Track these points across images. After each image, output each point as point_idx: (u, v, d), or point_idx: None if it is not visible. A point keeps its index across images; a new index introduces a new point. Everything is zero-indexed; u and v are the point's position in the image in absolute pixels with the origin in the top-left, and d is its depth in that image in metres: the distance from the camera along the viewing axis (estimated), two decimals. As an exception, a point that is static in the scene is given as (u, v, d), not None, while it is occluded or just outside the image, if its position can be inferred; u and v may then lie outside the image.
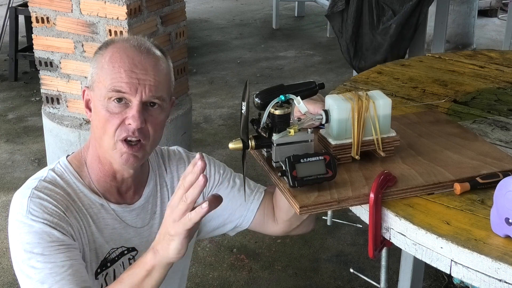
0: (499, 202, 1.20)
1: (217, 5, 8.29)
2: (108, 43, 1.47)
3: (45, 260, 1.33)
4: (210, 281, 2.99)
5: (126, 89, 1.39)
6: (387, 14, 3.89)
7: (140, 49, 1.44)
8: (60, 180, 1.47)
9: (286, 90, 1.39)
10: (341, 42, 4.12)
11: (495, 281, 1.15)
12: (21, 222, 1.37)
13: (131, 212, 1.53)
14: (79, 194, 1.47)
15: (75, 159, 1.52)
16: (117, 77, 1.40)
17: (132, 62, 1.41)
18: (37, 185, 1.43)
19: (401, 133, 1.53)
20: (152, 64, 1.43)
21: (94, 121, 1.45)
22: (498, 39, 6.59)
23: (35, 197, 1.39)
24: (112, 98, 1.40)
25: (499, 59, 2.29)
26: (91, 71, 1.46)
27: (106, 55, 1.44)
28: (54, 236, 1.35)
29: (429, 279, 2.94)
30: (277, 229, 1.66)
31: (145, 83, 1.40)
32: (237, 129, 2.10)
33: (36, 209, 1.37)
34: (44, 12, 2.93)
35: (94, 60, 1.47)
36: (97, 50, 1.49)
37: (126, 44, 1.45)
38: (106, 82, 1.41)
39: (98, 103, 1.43)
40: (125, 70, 1.40)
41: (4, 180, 3.86)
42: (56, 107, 3.07)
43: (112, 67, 1.41)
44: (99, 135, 1.44)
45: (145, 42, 1.47)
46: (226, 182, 1.64)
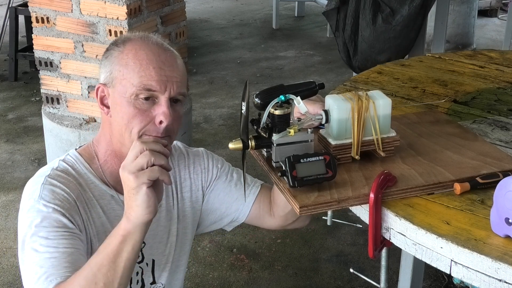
0: (499, 202, 1.20)
1: (217, 5, 8.29)
2: (125, 40, 1.48)
3: (48, 244, 1.34)
4: (210, 281, 2.99)
5: (157, 87, 1.41)
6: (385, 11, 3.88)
7: (163, 47, 1.46)
8: (71, 170, 1.48)
9: (286, 90, 1.39)
10: (339, 41, 4.11)
11: (495, 281, 1.15)
12: (32, 206, 1.39)
13: None
14: (90, 185, 1.49)
15: (85, 152, 1.53)
16: (147, 75, 1.41)
17: (159, 60, 1.43)
18: (50, 173, 1.45)
19: (401, 133, 1.53)
20: (175, 62, 1.46)
21: (116, 116, 1.45)
22: (498, 39, 6.59)
23: (48, 184, 1.41)
24: (140, 95, 1.41)
25: (499, 59, 2.29)
26: (109, 68, 1.46)
27: (128, 52, 1.44)
28: (61, 223, 1.37)
29: (429, 279, 2.94)
30: (273, 223, 1.68)
31: (173, 80, 1.43)
32: (237, 129, 2.10)
33: (47, 195, 1.39)
34: (44, 12, 2.93)
35: (111, 56, 1.47)
36: (112, 46, 1.49)
37: (147, 41, 1.46)
38: (134, 80, 1.41)
39: (121, 100, 1.43)
40: (154, 68, 1.41)
41: (4, 180, 3.86)
42: (56, 107, 3.07)
43: (140, 65, 1.42)
44: (120, 131, 1.44)
45: (162, 40, 1.50)
46: (224, 176, 1.67)
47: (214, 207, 1.66)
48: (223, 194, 1.66)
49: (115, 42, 1.50)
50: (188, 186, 1.64)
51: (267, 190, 1.67)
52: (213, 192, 1.66)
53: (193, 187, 1.65)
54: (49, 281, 1.29)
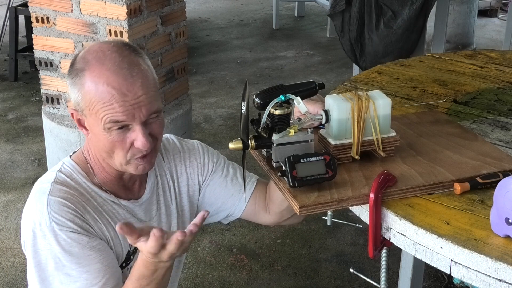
0: (499, 202, 1.20)
1: (217, 5, 8.29)
2: (83, 68, 1.39)
3: (80, 269, 1.39)
4: (210, 281, 2.98)
5: (124, 118, 1.37)
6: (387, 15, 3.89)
7: (121, 72, 1.37)
8: (70, 180, 1.47)
9: (286, 90, 1.39)
10: (343, 41, 4.12)
11: (495, 281, 1.15)
12: (46, 232, 1.38)
13: (140, 206, 1.56)
14: (91, 193, 1.48)
15: (79, 161, 1.52)
16: (111, 110, 1.36)
17: (120, 92, 1.36)
18: (51, 189, 1.42)
19: (401, 133, 1.53)
20: (139, 84, 1.38)
21: (97, 142, 1.44)
22: (498, 39, 6.59)
23: (53, 204, 1.40)
24: (111, 128, 1.39)
25: (499, 59, 2.29)
26: (76, 97, 1.41)
27: (90, 85, 1.37)
28: (83, 241, 1.39)
29: (429, 279, 2.94)
30: (268, 218, 1.69)
31: (140, 105, 1.37)
32: (237, 129, 2.10)
33: (59, 218, 1.39)
34: (44, 12, 2.93)
35: (75, 84, 1.40)
36: (72, 71, 1.42)
37: (104, 70, 1.37)
38: (99, 115, 1.37)
39: (97, 129, 1.40)
40: (117, 102, 1.36)
41: (4, 180, 3.86)
42: (56, 107, 3.07)
43: (103, 102, 1.36)
44: (106, 155, 1.44)
45: (120, 53, 1.39)
46: (220, 171, 1.67)
47: (210, 202, 1.67)
48: (219, 189, 1.66)
49: (75, 67, 1.41)
50: (185, 180, 1.65)
51: (263, 185, 1.68)
52: (209, 186, 1.66)
53: (189, 182, 1.65)
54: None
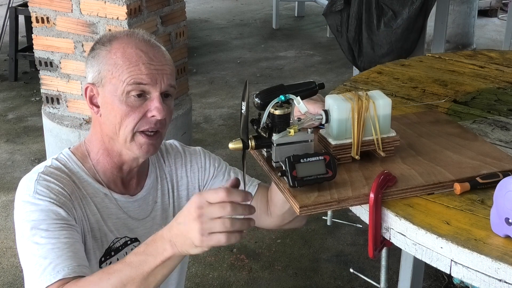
0: (499, 202, 1.20)
1: (217, 5, 8.29)
2: (111, 39, 1.49)
3: (49, 236, 1.34)
4: (210, 281, 2.99)
5: (148, 81, 1.43)
6: (388, 15, 3.88)
7: (150, 43, 1.48)
8: (64, 168, 1.49)
9: (286, 90, 1.39)
10: (341, 41, 4.12)
11: (495, 281, 1.15)
12: (28, 202, 1.39)
13: (134, 203, 1.56)
14: (83, 182, 1.49)
15: (77, 151, 1.54)
16: (136, 70, 1.43)
17: (147, 56, 1.45)
18: (44, 170, 1.45)
19: (401, 133, 1.53)
20: (163, 56, 1.48)
21: (108, 115, 1.46)
22: (498, 39, 6.59)
23: (42, 180, 1.42)
24: (131, 92, 1.43)
25: (499, 59, 2.29)
26: (97, 68, 1.48)
27: (116, 51, 1.45)
28: (59, 215, 1.37)
29: (429, 279, 2.94)
30: (270, 222, 1.68)
31: (163, 73, 1.45)
32: (237, 129, 2.10)
33: (43, 190, 1.40)
34: (44, 12, 2.93)
35: (98, 56, 1.48)
36: (98, 45, 1.50)
37: (134, 38, 1.48)
38: (124, 77, 1.43)
39: (113, 98, 1.44)
40: (143, 63, 1.43)
41: (4, 180, 3.86)
42: (56, 107, 3.07)
43: (129, 62, 1.43)
44: (112, 130, 1.46)
45: (148, 36, 1.51)
46: (221, 176, 1.67)
47: None
48: None
49: (100, 41, 1.51)
50: (185, 184, 1.65)
51: (265, 189, 1.67)
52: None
53: (189, 186, 1.65)
54: (56, 271, 1.28)
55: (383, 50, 3.95)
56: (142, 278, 1.24)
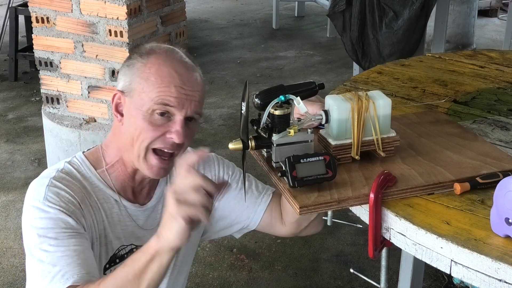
0: (499, 202, 1.20)
1: (217, 5, 8.29)
2: (149, 52, 1.46)
3: (58, 244, 1.34)
4: (210, 281, 2.99)
5: (174, 104, 1.41)
6: (389, 15, 3.89)
7: (186, 65, 1.46)
8: (76, 173, 1.48)
9: (286, 90, 1.39)
10: (345, 41, 4.12)
11: (495, 281, 1.15)
12: (37, 208, 1.38)
13: (143, 212, 1.55)
14: (95, 188, 1.48)
15: (92, 156, 1.53)
16: (167, 91, 1.41)
17: (181, 78, 1.42)
18: (55, 175, 1.45)
19: (401, 133, 1.53)
20: (197, 81, 1.46)
21: (128, 127, 1.45)
22: (498, 39, 6.59)
23: (53, 186, 1.41)
24: (156, 110, 1.41)
25: (499, 59, 2.29)
26: (130, 78, 1.45)
27: (151, 66, 1.43)
28: (68, 223, 1.37)
29: (429, 279, 2.94)
30: (285, 230, 1.66)
31: (191, 99, 1.43)
32: (237, 129, 2.10)
33: (53, 197, 1.39)
34: (44, 12, 2.93)
35: (133, 67, 1.46)
36: (135, 55, 1.48)
37: (171, 57, 1.45)
38: (152, 94, 1.41)
39: (137, 112, 1.43)
40: (175, 86, 1.41)
41: (4, 180, 3.86)
42: (56, 107, 3.07)
43: (161, 81, 1.41)
44: (130, 142, 1.44)
45: (185, 56, 1.49)
46: (235, 184, 1.65)
47: (224, 215, 1.64)
48: (233, 202, 1.63)
49: (139, 52, 1.49)
50: None
51: (279, 197, 1.65)
52: (223, 199, 1.62)
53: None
54: (66, 279, 1.29)
55: (386, 51, 3.96)
56: (135, 277, 1.24)
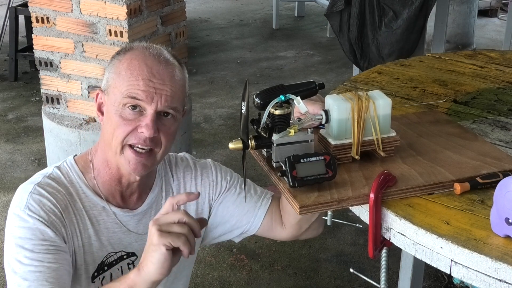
0: (499, 202, 1.20)
1: (217, 5, 8.29)
2: (126, 50, 1.47)
3: (33, 257, 1.34)
4: (210, 281, 2.99)
5: (142, 97, 1.40)
6: (388, 15, 3.88)
7: (159, 59, 1.44)
8: (64, 179, 1.47)
9: (286, 90, 1.39)
10: (342, 41, 4.12)
11: (495, 281, 1.15)
12: (18, 216, 1.38)
13: (133, 217, 1.53)
14: (81, 195, 1.47)
15: (81, 160, 1.52)
16: (134, 84, 1.40)
17: (150, 71, 1.41)
18: (41, 181, 1.44)
19: (401, 133, 1.53)
20: (169, 75, 1.43)
21: (106, 125, 1.45)
22: (498, 39, 6.59)
23: (36, 193, 1.40)
24: (127, 104, 1.40)
25: (499, 59, 2.29)
26: (107, 75, 1.46)
27: (124, 61, 1.43)
28: (46, 235, 1.37)
29: (429, 279, 2.94)
30: (285, 234, 1.64)
31: (161, 93, 1.41)
32: (237, 129, 2.10)
33: (34, 205, 1.38)
34: (44, 12, 2.93)
35: (111, 64, 1.47)
36: (115, 54, 1.48)
37: (145, 52, 1.45)
38: (122, 88, 1.41)
39: (111, 108, 1.43)
40: (142, 78, 1.40)
41: (4, 180, 3.87)
42: (56, 107, 3.07)
43: (130, 74, 1.41)
44: (108, 140, 1.44)
45: (163, 51, 1.47)
46: (233, 189, 1.64)
47: (223, 220, 1.63)
48: (232, 207, 1.62)
49: (119, 50, 1.50)
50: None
51: (278, 201, 1.64)
52: (221, 204, 1.63)
53: (199, 200, 1.61)
54: None
55: (385, 50, 3.96)
56: None
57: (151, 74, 1.41)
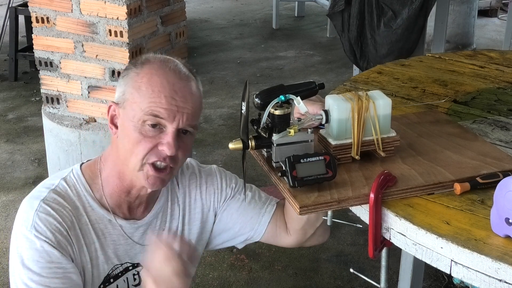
0: (499, 202, 1.20)
1: (217, 5, 8.29)
2: (143, 62, 1.44)
3: (40, 282, 1.34)
4: (210, 281, 2.99)
5: (165, 115, 1.38)
6: (388, 15, 3.88)
7: (180, 75, 1.42)
8: (70, 192, 1.46)
9: (286, 90, 1.39)
10: (344, 41, 4.12)
11: (495, 281, 1.15)
12: (25, 236, 1.37)
13: (138, 228, 1.52)
14: (87, 208, 1.46)
15: (89, 170, 1.50)
16: (157, 102, 1.38)
17: (172, 89, 1.39)
18: (46, 196, 1.42)
19: (401, 133, 1.53)
20: (190, 92, 1.42)
21: (122, 139, 1.43)
22: (498, 39, 6.59)
23: (42, 211, 1.39)
24: (147, 121, 1.38)
25: (499, 59, 2.29)
26: (123, 88, 1.43)
27: (143, 75, 1.41)
28: (54, 256, 1.36)
29: (429, 279, 2.94)
30: (290, 240, 1.63)
31: (183, 111, 1.39)
32: (237, 129, 2.10)
33: (40, 226, 1.38)
34: (44, 12, 2.93)
35: (127, 77, 1.43)
36: (131, 66, 1.46)
37: (164, 67, 1.42)
38: (143, 105, 1.38)
39: (129, 124, 1.40)
40: (165, 96, 1.38)
41: (4, 180, 3.86)
42: (56, 107, 3.07)
43: (152, 91, 1.38)
44: (125, 155, 1.42)
45: (181, 66, 1.45)
46: (238, 196, 1.62)
47: (228, 227, 1.62)
48: (236, 214, 1.61)
49: (135, 62, 1.47)
50: (199, 207, 1.60)
51: (283, 208, 1.63)
52: (225, 211, 1.61)
53: (204, 208, 1.60)
54: None
55: (383, 50, 3.95)
56: None
57: (173, 91, 1.39)
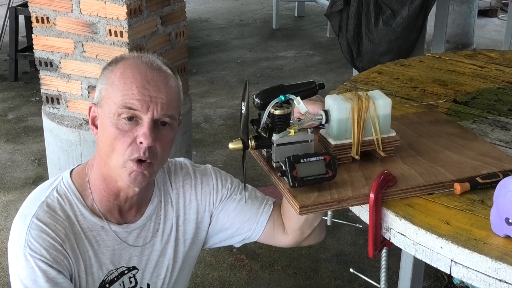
0: (499, 202, 1.20)
1: (217, 5, 8.29)
2: (118, 60, 1.44)
3: None
4: (210, 281, 2.99)
5: (138, 106, 1.36)
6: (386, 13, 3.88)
7: (152, 66, 1.41)
8: (62, 201, 1.45)
9: (286, 90, 1.39)
10: (341, 41, 4.12)
11: (495, 281, 1.15)
12: (19, 255, 1.38)
13: (132, 232, 1.51)
14: (79, 217, 1.45)
15: (78, 177, 1.50)
16: (129, 93, 1.37)
17: (144, 79, 1.38)
18: (37, 211, 1.41)
19: (401, 133, 1.53)
20: (164, 82, 1.41)
21: (101, 138, 1.42)
22: (498, 39, 6.59)
23: (34, 228, 1.39)
24: (122, 115, 1.37)
25: (499, 59, 2.29)
26: (100, 87, 1.43)
27: (117, 71, 1.41)
28: (50, 275, 1.37)
29: (429, 279, 2.94)
30: (287, 240, 1.62)
31: (157, 101, 1.38)
32: (237, 129, 2.10)
33: (34, 244, 1.37)
34: (44, 12, 2.93)
35: (103, 76, 1.44)
36: (106, 66, 1.46)
37: (137, 60, 1.42)
38: (117, 99, 1.38)
39: (106, 120, 1.39)
40: (137, 87, 1.37)
41: (4, 180, 3.86)
42: (56, 107, 3.07)
43: (124, 83, 1.38)
44: (106, 153, 1.40)
45: (155, 59, 1.45)
46: (234, 196, 1.61)
47: (225, 227, 1.61)
48: (233, 214, 1.60)
49: (110, 61, 1.47)
50: (194, 208, 1.59)
51: (280, 207, 1.62)
52: (222, 212, 1.60)
53: (199, 209, 1.59)
54: None
55: (381, 48, 3.95)
56: None
57: (145, 81, 1.38)
